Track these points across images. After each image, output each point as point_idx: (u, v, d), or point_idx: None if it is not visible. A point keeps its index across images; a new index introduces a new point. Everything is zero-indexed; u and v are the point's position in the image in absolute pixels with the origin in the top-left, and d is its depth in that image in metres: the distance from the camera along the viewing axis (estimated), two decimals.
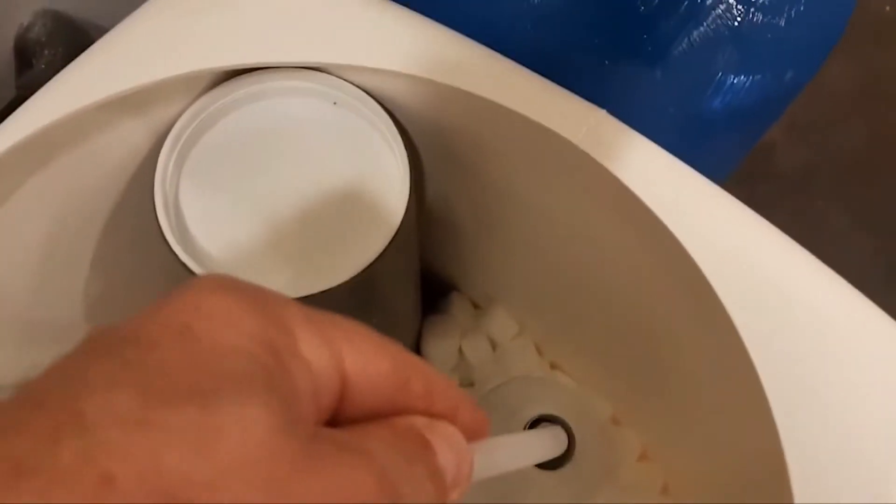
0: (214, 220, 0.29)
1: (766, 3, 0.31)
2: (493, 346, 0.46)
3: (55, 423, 0.11)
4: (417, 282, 0.42)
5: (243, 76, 0.30)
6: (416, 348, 0.46)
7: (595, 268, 0.32)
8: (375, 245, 0.28)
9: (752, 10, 0.31)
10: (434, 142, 0.32)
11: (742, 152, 0.36)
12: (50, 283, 0.30)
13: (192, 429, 0.11)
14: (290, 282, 0.28)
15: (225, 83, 0.30)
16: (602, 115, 0.23)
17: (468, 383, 0.46)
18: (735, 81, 0.30)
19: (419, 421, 0.16)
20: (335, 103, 0.31)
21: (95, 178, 0.29)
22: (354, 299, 0.30)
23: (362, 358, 0.15)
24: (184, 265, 0.28)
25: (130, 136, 0.29)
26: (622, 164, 0.23)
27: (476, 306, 0.48)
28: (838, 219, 0.89)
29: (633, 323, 0.35)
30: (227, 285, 0.14)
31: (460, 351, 0.46)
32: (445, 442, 0.16)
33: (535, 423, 0.35)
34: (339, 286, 0.27)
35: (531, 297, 0.43)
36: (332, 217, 0.29)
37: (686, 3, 0.31)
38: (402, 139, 0.30)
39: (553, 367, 0.46)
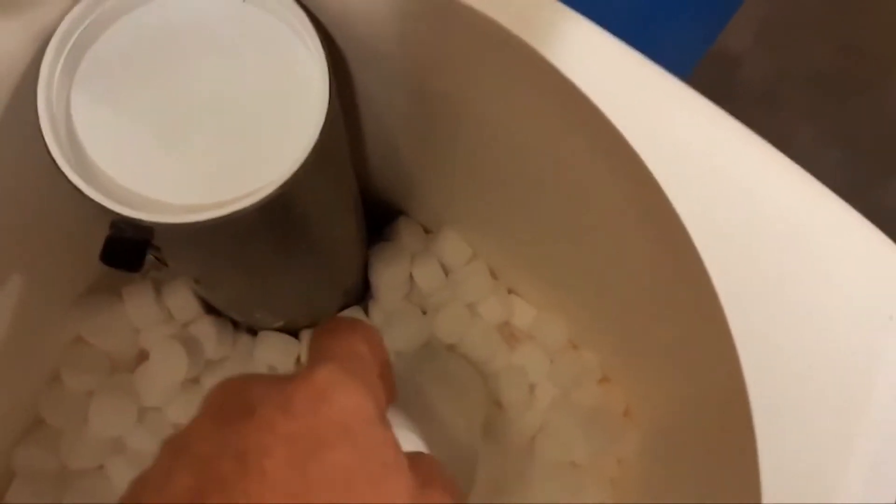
0: (112, 137, 0.26)
1: None
2: (446, 271, 0.44)
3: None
4: (357, 207, 0.39)
5: None
6: (365, 278, 0.43)
7: (542, 179, 0.30)
8: (291, 160, 0.25)
9: None
10: (360, 43, 0.28)
11: (700, 46, 0.33)
12: None
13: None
14: (199, 203, 0.25)
15: None
16: None
17: (421, 311, 0.43)
18: None
19: None
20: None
21: None
22: (274, 222, 0.27)
23: None
24: (80, 192, 0.25)
25: (5, 37, 0.25)
26: (559, 50, 0.20)
27: (426, 231, 0.45)
28: (805, 132, 0.87)
29: (588, 238, 0.33)
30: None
31: (411, 278, 0.43)
32: None
33: None
34: (252, 206, 0.24)
35: (481, 218, 0.41)
36: (243, 130, 0.26)
37: None
38: (321, 38, 0.26)
39: (510, 291, 0.44)
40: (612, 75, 0.20)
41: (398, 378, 0.25)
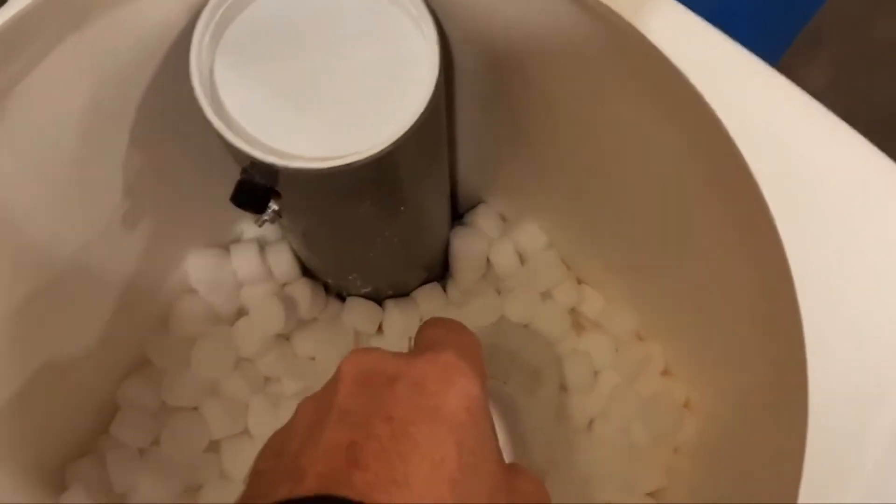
0: (247, 96, 0.30)
1: None
2: (522, 258, 0.46)
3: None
4: (446, 188, 0.42)
5: None
6: (445, 257, 0.46)
7: (631, 172, 0.32)
8: (402, 124, 0.28)
9: None
10: (468, 31, 0.32)
11: (773, 56, 0.35)
12: (89, 156, 0.31)
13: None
14: (321, 155, 0.29)
15: None
16: None
17: (496, 292, 0.46)
18: None
19: None
20: None
21: (132, 47, 0.29)
22: (381, 180, 0.31)
23: None
24: (222, 138, 0.29)
25: (167, 6, 0.29)
26: (662, 33, 0.21)
27: (504, 219, 0.48)
28: None
29: (670, 234, 0.34)
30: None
31: (488, 261, 0.46)
32: None
33: None
34: (370, 158, 0.28)
35: (559, 209, 0.43)
36: (360, 97, 0.30)
37: None
38: (435, 23, 0.30)
39: (580, 281, 0.46)
40: (712, 58, 0.21)
41: None
